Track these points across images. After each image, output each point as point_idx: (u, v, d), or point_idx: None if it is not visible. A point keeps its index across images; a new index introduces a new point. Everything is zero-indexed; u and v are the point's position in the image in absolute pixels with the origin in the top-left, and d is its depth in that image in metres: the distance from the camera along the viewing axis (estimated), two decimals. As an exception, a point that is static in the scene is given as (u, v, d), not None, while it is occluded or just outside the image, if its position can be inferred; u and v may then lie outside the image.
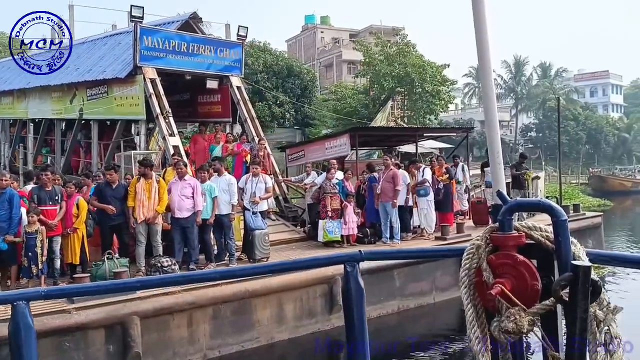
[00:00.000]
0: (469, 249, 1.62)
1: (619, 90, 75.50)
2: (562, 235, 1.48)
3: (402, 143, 15.90)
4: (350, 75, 45.42)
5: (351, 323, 1.98)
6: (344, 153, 12.36)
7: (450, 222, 11.72)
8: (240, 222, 9.67)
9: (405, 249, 9.54)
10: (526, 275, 1.49)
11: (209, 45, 12.76)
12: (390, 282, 9.73)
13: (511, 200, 1.63)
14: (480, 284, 1.57)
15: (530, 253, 1.55)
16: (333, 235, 10.26)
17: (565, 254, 1.47)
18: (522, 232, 1.57)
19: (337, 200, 10.39)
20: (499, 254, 1.55)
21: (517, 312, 1.44)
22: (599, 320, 1.43)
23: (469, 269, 1.59)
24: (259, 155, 11.72)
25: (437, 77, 33.56)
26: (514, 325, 1.43)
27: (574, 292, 1.39)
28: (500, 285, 1.48)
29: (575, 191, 36.24)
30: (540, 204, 1.66)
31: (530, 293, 1.48)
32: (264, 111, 31.24)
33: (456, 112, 66.51)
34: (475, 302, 1.59)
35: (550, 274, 1.52)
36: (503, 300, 1.47)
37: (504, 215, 1.58)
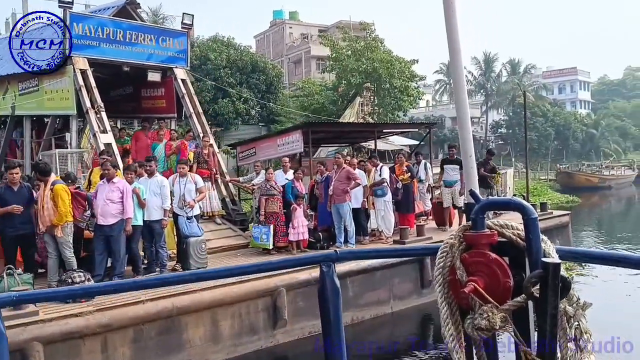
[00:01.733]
0: (443, 247, 1.64)
1: (587, 87, 76.42)
2: (532, 233, 1.51)
3: (362, 140, 15.02)
4: (319, 72, 44.58)
5: (328, 324, 1.92)
6: (296, 150, 11.44)
7: (410, 224, 10.92)
8: (174, 228, 8.69)
9: (380, 248, 8.77)
10: (498, 273, 1.52)
11: (150, 34, 11.68)
12: (344, 291, 8.82)
13: (483, 199, 1.64)
14: (454, 282, 1.58)
15: (503, 251, 1.58)
16: (259, 242, 9.32)
17: (536, 252, 1.50)
18: (494, 231, 1.59)
19: (275, 202, 9.44)
20: (472, 252, 1.57)
21: (489, 309, 1.47)
22: (569, 316, 1.46)
23: (443, 268, 1.61)
24: (203, 154, 10.73)
25: (405, 72, 33.02)
26: (486, 322, 1.46)
27: (544, 288, 1.42)
28: (473, 283, 1.51)
29: (544, 187, 36.08)
30: (511, 202, 1.64)
31: (503, 290, 1.51)
32: (227, 108, 30.21)
33: (427, 109, 66.35)
34: (449, 300, 1.61)
35: (522, 271, 1.55)
36: (476, 297, 1.50)
37: (476, 214, 1.59)
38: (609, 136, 60.55)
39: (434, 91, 72.97)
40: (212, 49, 31.57)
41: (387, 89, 32.29)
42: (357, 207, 10.34)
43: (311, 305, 8.35)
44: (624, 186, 44.17)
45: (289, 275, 8.14)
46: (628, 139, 65.40)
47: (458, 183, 11.36)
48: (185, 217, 8.27)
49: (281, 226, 9.51)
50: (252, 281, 7.78)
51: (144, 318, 6.82)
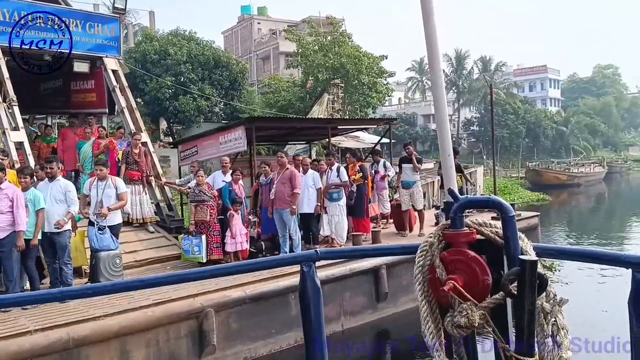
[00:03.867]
0: (422, 246, 1.65)
1: (557, 85, 76.85)
2: (510, 231, 1.53)
3: (320, 137, 13.91)
4: (287, 68, 43.42)
5: (309, 325, 1.90)
6: (239, 148, 10.30)
7: (366, 230, 9.91)
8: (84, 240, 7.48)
9: (360, 247, 7.99)
10: (477, 271, 1.52)
11: (74, 19, 10.41)
12: (286, 309, 7.80)
13: (461, 197, 1.61)
14: (434, 281, 1.58)
15: (482, 249, 1.58)
16: (190, 255, 8.20)
17: (514, 249, 1.52)
18: (473, 229, 1.59)
19: (205, 209, 8.30)
20: (451, 251, 1.58)
21: (468, 307, 1.47)
22: (546, 312, 1.48)
23: (423, 266, 1.62)
24: (133, 153, 9.53)
25: (374, 68, 32.16)
26: (466, 320, 1.47)
27: (521, 285, 1.42)
28: (452, 282, 1.50)
29: (515, 185, 35.63)
30: (489, 200, 1.62)
31: (482, 288, 1.51)
32: (189, 105, 28.87)
33: (399, 107, 65.88)
34: (429, 298, 1.61)
35: (500, 269, 1.55)
36: (455, 296, 1.50)
37: (455, 213, 1.59)
38: (579, 133, 60.83)
39: (407, 89, 72.66)
40: (172, 43, 30.17)
41: (356, 85, 31.41)
42: (310, 213, 9.29)
43: (247, 327, 7.29)
44: (593, 183, 44.12)
45: (219, 294, 7.04)
46: (597, 136, 65.88)
47: (417, 183, 10.39)
48: (97, 227, 7.07)
49: (214, 236, 8.38)
50: (173, 302, 6.68)
51: (31, 352, 5.64)
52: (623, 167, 58.65)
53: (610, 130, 68.57)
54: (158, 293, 6.86)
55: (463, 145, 58.37)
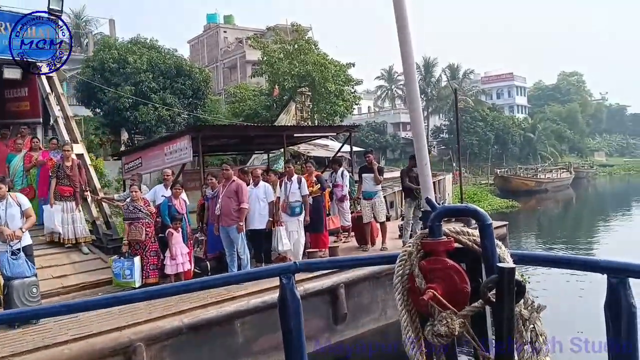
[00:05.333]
0: (401, 255, 1.65)
1: (523, 92, 77.90)
2: (487, 239, 1.53)
3: (276, 147, 13.15)
4: (252, 77, 42.67)
5: (289, 338, 1.89)
6: (185, 159, 9.50)
7: (324, 245, 9.20)
8: None
9: (339, 258, 7.81)
10: (456, 279, 1.53)
11: (2, 21, 9.50)
12: (231, 338, 7.02)
13: (439, 206, 1.63)
14: (414, 290, 1.59)
15: (460, 257, 1.59)
16: (122, 279, 7.35)
17: (491, 257, 1.52)
18: (451, 237, 1.61)
19: (139, 228, 7.48)
20: (430, 259, 1.58)
21: (448, 315, 1.48)
22: (525, 319, 1.49)
23: (402, 276, 1.62)
24: (65, 167, 8.64)
25: (340, 76, 31.70)
26: (445, 329, 1.48)
27: (500, 293, 1.43)
28: (432, 290, 1.51)
29: (484, 192, 35.49)
30: (466, 209, 1.64)
31: (461, 296, 1.52)
32: (149, 114, 27.81)
33: (369, 115, 65.69)
34: (409, 307, 1.62)
35: (479, 276, 1.56)
36: (435, 304, 1.51)
37: (433, 222, 1.60)
38: (546, 139, 61.54)
39: (376, 97, 72.61)
40: (132, 51, 29.13)
41: (322, 93, 30.88)
42: (261, 229, 8.53)
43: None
44: (560, 189, 44.40)
45: (151, 325, 6.23)
46: (564, 142, 66.83)
47: (379, 194, 9.73)
48: (9, 252, 6.19)
49: (150, 257, 7.56)
50: (95, 337, 5.83)
51: None
52: (589, 172, 59.49)
53: (576, 136, 69.67)
54: (79, 326, 6.02)
55: (433, 152, 58.35)
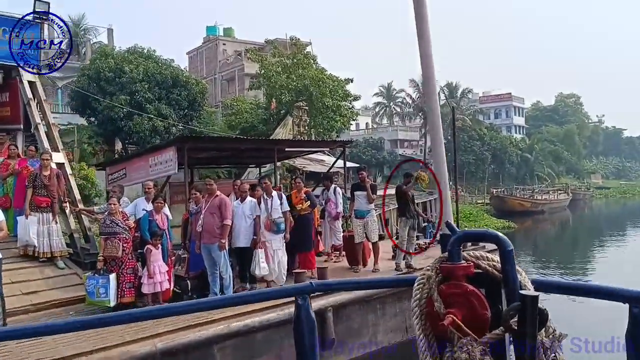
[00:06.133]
0: (419, 279, 1.64)
1: (521, 113, 77.96)
2: (508, 265, 1.51)
3: (268, 160, 12.75)
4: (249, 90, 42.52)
5: (304, 358, 1.85)
6: (170, 171, 9.08)
7: (311, 265, 8.76)
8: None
9: (357, 279, 7.44)
10: (476, 305, 1.51)
11: (-18, 24, 9.15)
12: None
13: (459, 230, 1.63)
14: (432, 314, 1.57)
15: (479, 282, 1.57)
16: (95, 297, 6.88)
17: (513, 284, 1.50)
18: (470, 262, 1.58)
19: (116, 243, 7.03)
20: (449, 284, 1.56)
21: (469, 342, 1.46)
22: (546, 347, 1.46)
23: (420, 299, 1.61)
24: (42, 176, 8.22)
25: (338, 91, 31.49)
26: (466, 356, 1.45)
27: (522, 321, 1.42)
28: (452, 316, 1.49)
29: (480, 212, 35.11)
30: (487, 234, 1.63)
31: (480, 322, 1.50)
32: (143, 125, 27.44)
33: (367, 131, 65.58)
34: (427, 331, 1.60)
35: (498, 302, 1.54)
36: (455, 330, 1.49)
37: (452, 246, 1.59)
38: (543, 160, 61.39)
39: (374, 114, 72.59)
40: (129, 61, 28.84)
41: (320, 108, 30.64)
42: (245, 247, 8.11)
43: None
44: (557, 210, 44.08)
45: (120, 350, 5.77)
46: (561, 163, 66.71)
47: (371, 213, 9.32)
48: (-30, 267, 5.75)
49: (127, 275, 7.10)
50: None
51: None
52: (586, 194, 59.22)
53: (573, 157, 69.62)
54: (42, 349, 5.56)
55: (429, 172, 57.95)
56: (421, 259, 10.60)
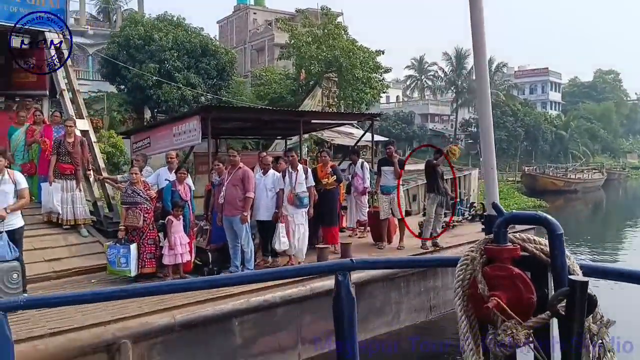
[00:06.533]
0: (463, 260, 1.62)
1: (558, 88, 75.60)
2: (558, 249, 1.49)
3: (292, 132, 12.48)
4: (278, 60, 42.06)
5: (342, 335, 1.84)
6: (194, 141, 8.94)
7: (334, 240, 8.57)
8: None
9: (397, 258, 7.54)
10: (521, 288, 1.48)
11: (10, -12, 9.04)
12: (228, 338, 6.47)
13: (506, 212, 1.60)
14: (474, 296, 1.55)
15: (525, 265, 1.54)
16: (117, 267, 6.83)
17: (561, 268, 1.48)
18: (517, 245, 1.56)
19: (137, 213, 6.94)
20: (494, 266, 1.54)
21: (513, 325, 1.44)
22: (593, 333, 1.44)
23: (463, 280, 1.59)
24: (66, 143, 8.17)
25: (369, 63, 30.82)
26: (510, 339, 1.43)
27: (570, 306, 1.39)
28: (496, 298, 1.47)
29: (511, 190, 34.35)
30: (536, 217, 1.56)
31: (526, 306, 1.48)
32: (172, 94, 27.44)
33: (397, 105, 64.59)
34: (468, 313, 1.58)
35: (544, 286, 1.52)
36: (499, 313, 1.46)
37: (499, 227, 1.56)
38: (578, 138, 59.60)
39: (405, 87, 71.34)
40: (158, 28, 28.70)
41: (349, 79, 30.10)
42: (267, 220, 7.96)
43: None
44: (591, 190, 42.87)
45: (139, 321, 5.71)
46: (596, 142, 64.71)
47: (398, 189, 9.04)
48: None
49: (148, 245, 7.04)
50: (75, 331, 5.32)
51: None
52: (622, 174, 57.44)
53: (609, 136, 67.43)
54: (60, 319, 5.53)
55: (460, 146, 57.05)
56: (447, 236, 10.32)
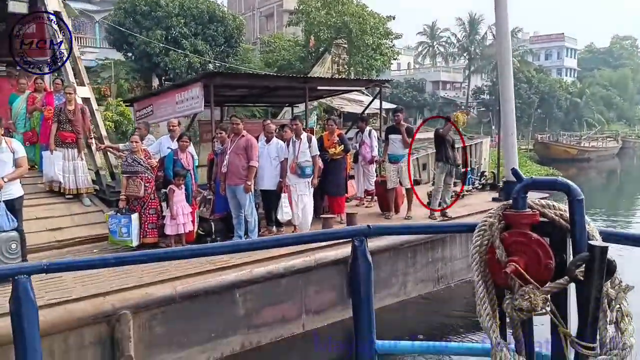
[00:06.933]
0: (480, 225, 1.61)
1: (574, 54, 73.85)
2: (578, 215, 1.48)
3: (299, 100, 12.19)
4: (287, 26, 41.32)
5: (358, 299, 1.92)
6: (196, 109, 8.71)
7: (340, 210, 8.41)
8: None
9: (413, 224, 7.42)
10: (540, 254, 1.49)
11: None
12: (230, 308, 6.40)
13: (526, 178, 1.59)
14: (492, 261, 1.55)
15: (543, 231, 1.54)
16: (118, 237, 6.73)
17: (581, 234, 1.47)
18: (536, 210, 1.55)
19: (138, 183, 6.80)
20: (513, 232, 1.54)
21: (531, 290, 1.44)
22: (611, 298, 1.44)
23: (481, 246, 1.59)
24: (67, 111, 8.01)
25: (379, 29, 30.18)
26: (528, 304, 1.43)
27: (589, 271, 1.40)
28: (514, 264, 1.47)
29: (523, 158, 33.85)
30: (557, 182, 1.57)
31: (544, 272, 1.48)
32: (179, 61, 27.09)
33: (408, 72, 63.61)
34: (485, 279, 1.58)
35: (563, 252, 1.52)
36: (517, 278, 1.46)
37: (518, 193, 1.55)
38: (593, 105, 58.45)
39: (417, 54, 70.08)
40: (163, -8, 28.16)
41: (359, 46, 29.53)
42: (272, 189, 7.80)
43: (177, 331, 5.90)
44: (605, 158, 42.26)
45: (139, 292, 5.63)
46: (612, 109, 63.53)
47: (406, 158, 8.82)
48: (-11, 202, 5.62)
49: (149, 215, 6.93)
50: (73, 302, 5.26)
51: None
52: (637, 142, 56.47)
53: (625, 103, 66.07)
54: (59, 289, 5.47)
55: (472, 114, 56.31)
56: (457, 206, 10.12)
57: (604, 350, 1.43)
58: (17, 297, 1.66)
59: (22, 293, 1.66)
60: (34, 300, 1.68)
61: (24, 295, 1.66)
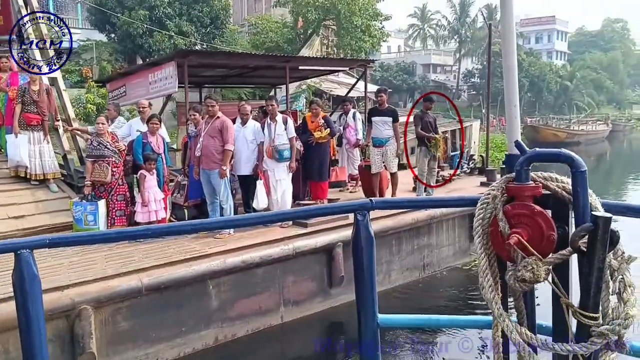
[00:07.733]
0: (483, 198, 1.62)
1: (564, 37, 73.52)
2: (580, 187, 1.50)
3: (278, 80, 11.65)
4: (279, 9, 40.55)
5: (361, 274, 1.88)
6: (170, 90, 8.25)
7: (323, 195, 8.05)
8: None
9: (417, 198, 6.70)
10: (542, 226, 1.49)
11: None
12: (202, 300, 6.05)
13: (529, 150, 1.58)
14: (495, 234, 1.56)
15: (545, 204, 1.55)
16: (83, 225, 6.33)
17: (584, 205, 1.49)
18: (538, 183, 1.57)
19: (105, 167, 6.38)
20: (515, 204, 1.54)
21: (534, 261, 1.45)
22: (614, 269, 1.45)
23: (483, 219, 1.59)
24: (31, 91, 7.53)
25: (368, 10, 29.65)
26: (530, 275, 1.45)
27: (592, 242, 1.41)
28: (517, 235, 1.47)
29: (512, 142, 33.67)
30: (560, 154, 1.56)
31: (546, 243, 1.49)
32: (164, 43, 26.42)
33: (398, 55, 63.03)
34: (488, 251, 1.59)
35: (565, 224, 1.53)
36: (519, 250, 1.48)
37: (521, 166, 1.56)
38: (583, 89, 58.29)
39: (407, 36, 69.37)
40: (146, -28, 27.37)
41: (348, 27, 29.02)
42: (247, 175, 7.42)
43: (143, 325, 5.54)
44: (594, 142, 42.16)
45: (101, 285, 5.25)
46: (602, 93, 63.42)
47: (391, 141, 8.44)
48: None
49: (117, 202, 6.52)
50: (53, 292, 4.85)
51: None
52: (627, 125, 56.48)
53: (615, 86, 66.00)
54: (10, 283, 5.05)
55: (463, 97, 56.01)
56: (444, 191, 9.82)
57: (607, 321, 1.43)
58: (20, 271, 1.68)
59: (24, 267, 1.68)
60: (37, 274, 1.71)
61: (27, 269, 1.68)
